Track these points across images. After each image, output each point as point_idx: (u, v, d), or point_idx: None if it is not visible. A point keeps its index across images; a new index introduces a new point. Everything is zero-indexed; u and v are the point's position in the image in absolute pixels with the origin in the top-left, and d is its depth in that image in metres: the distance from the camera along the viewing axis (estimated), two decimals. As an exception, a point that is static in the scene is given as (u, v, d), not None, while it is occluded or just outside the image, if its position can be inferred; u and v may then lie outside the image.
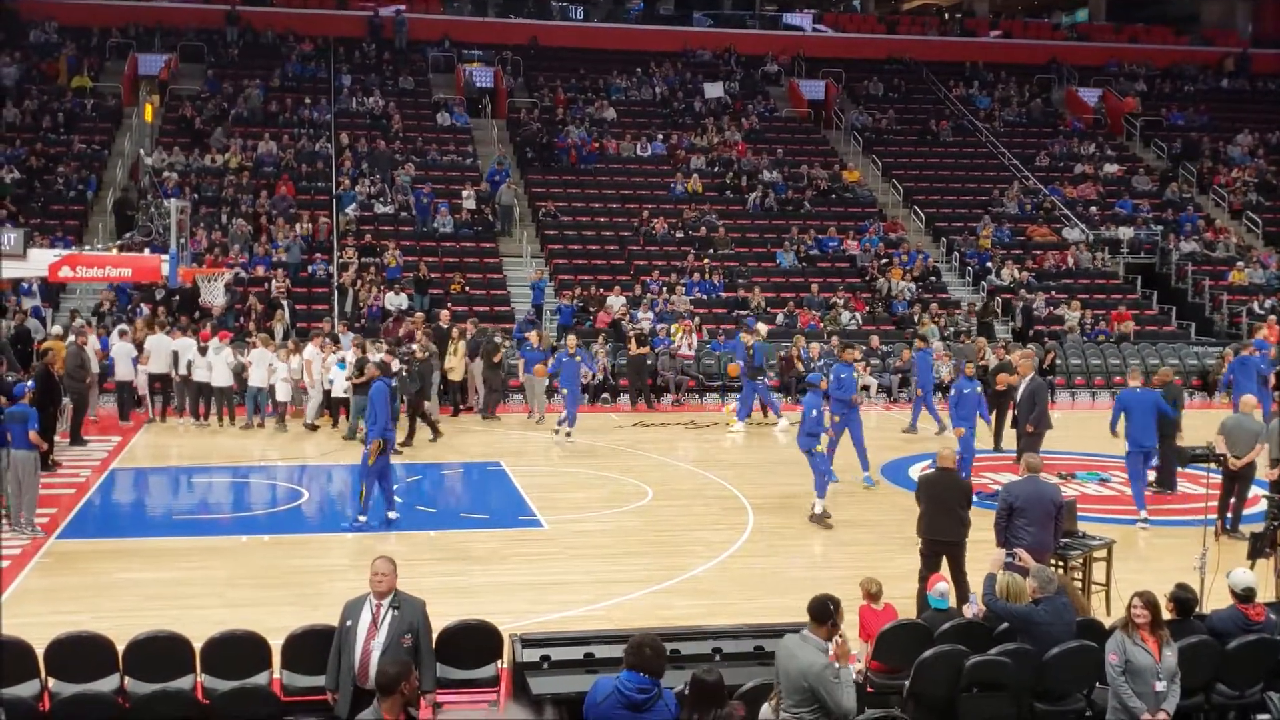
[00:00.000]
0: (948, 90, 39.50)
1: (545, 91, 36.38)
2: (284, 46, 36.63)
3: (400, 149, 32.73)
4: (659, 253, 30.27)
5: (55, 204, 29.10)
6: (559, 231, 30.87)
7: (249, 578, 12.24)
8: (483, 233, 30.44)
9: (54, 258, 15.67)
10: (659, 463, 18.51)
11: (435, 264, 28.52)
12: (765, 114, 37.30)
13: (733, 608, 11.25)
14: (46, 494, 15.46)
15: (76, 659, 7.93)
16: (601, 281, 28.44)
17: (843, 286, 29.56)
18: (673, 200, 32.37)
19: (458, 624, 8.33)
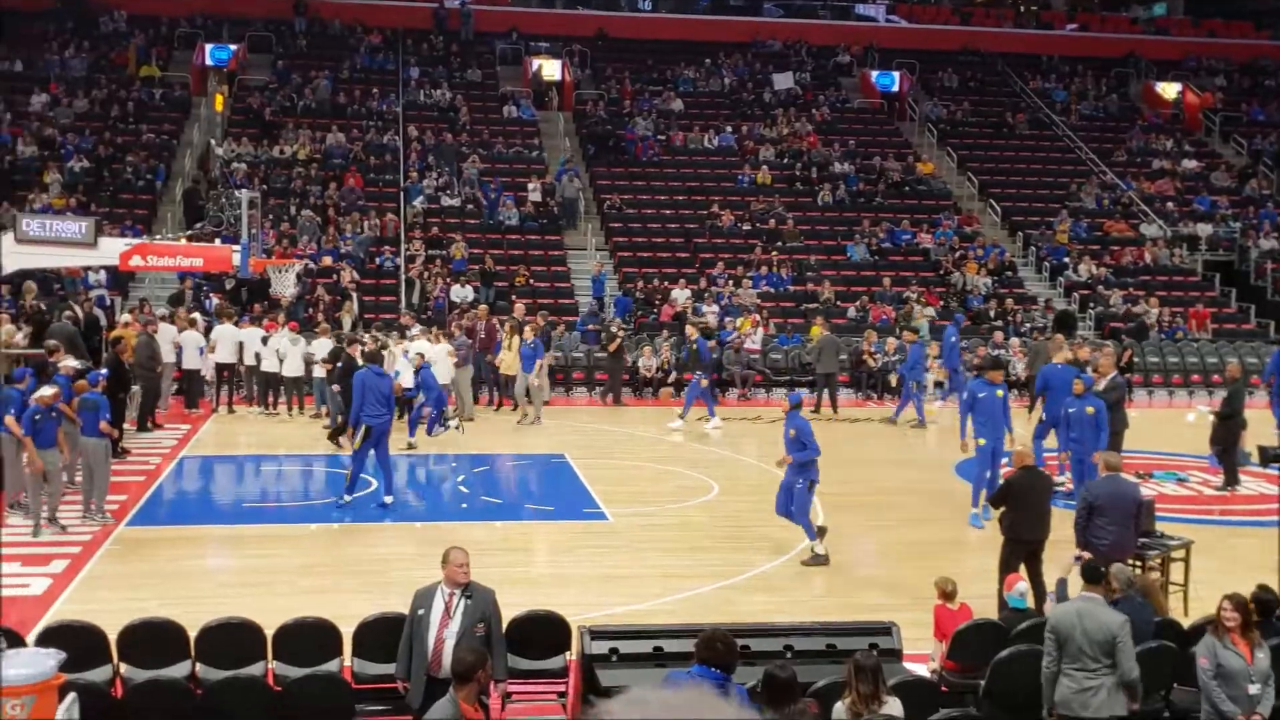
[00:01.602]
0: (1024, 83, 38.97)
1: (612, 83, 36.43)
2: (352, 38, 37.03)
3: (467, 141, 32.96)
4: (725, 245, 30.19)
5: (124, 193, 29.66)
6: (624, 224, 30.91)
7: (318, 565, 12.40)
8: (547, 225, 30.56)
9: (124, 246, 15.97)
10: (725, 457, 18.48)
11: (500, 256, 28.69)
12: (837, 105, 37.05)
13: (802, 604, 11.20)
14: (116, 481, 15.77)
15: (149, 645, 8.08)
16: (666, 274, 28.44)
17: (916, 281, 29.29)
18: (740, 192, 32.28)
19: (526, 614, 8.39)
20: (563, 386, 24.40)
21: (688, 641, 7.17)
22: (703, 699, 1.54)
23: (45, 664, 6.54)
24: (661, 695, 1.54)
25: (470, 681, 6.25)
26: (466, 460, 18.02)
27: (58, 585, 11.52)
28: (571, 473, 17.08)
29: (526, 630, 8.28)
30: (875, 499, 15.83)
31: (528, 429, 20.39)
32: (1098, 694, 7.32)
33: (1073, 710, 7.38)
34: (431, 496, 16.59)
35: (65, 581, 11.64)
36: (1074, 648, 7.35)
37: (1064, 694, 7.43)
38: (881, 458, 18.97)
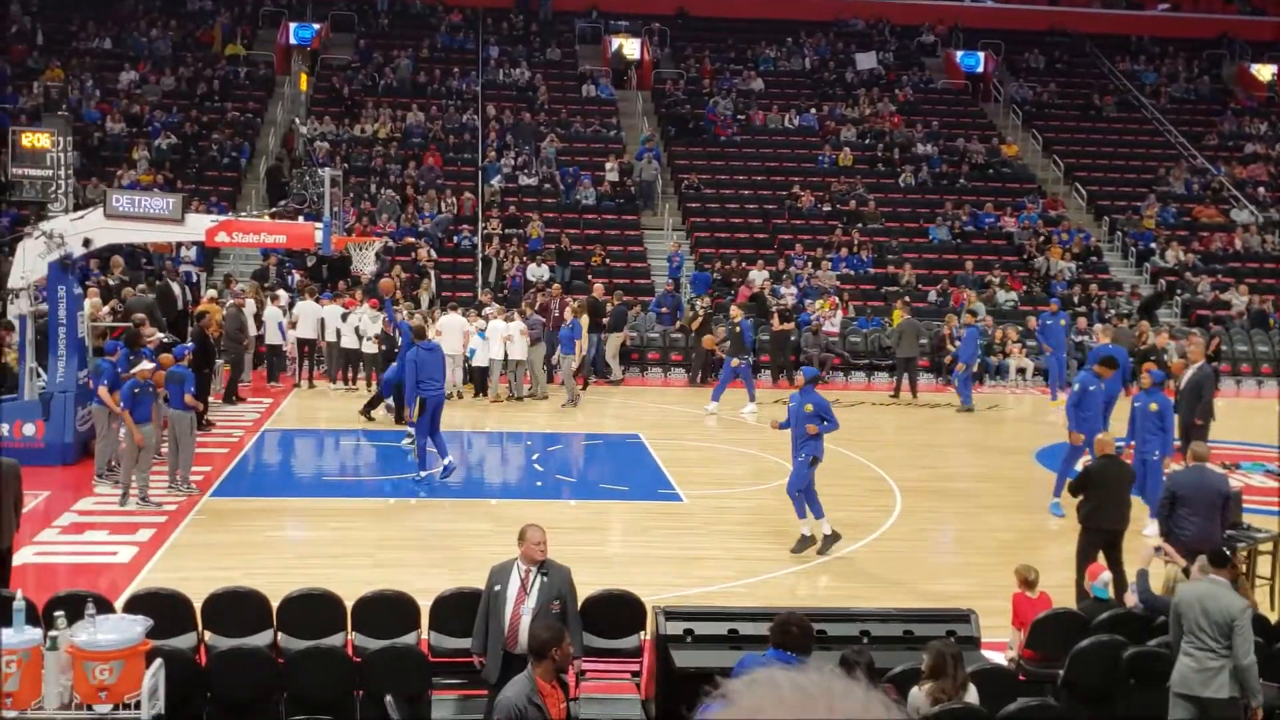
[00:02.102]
0: (1112, 64, 38.14)
1: (692, 62, 36.31)
2: (432, 17, 37.30)
3: (545, 121, 33.06)
4: (805, 227, 29.99)
5: (210, 170, 30.21)
6: (701, 204, 30.84)
7: (395, 539, 12.58)
8: (624, 205, 30.59)
9: (211, 223, 16.18)
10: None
11: (577, 236, 28.78)
12: (920, 86, 36.57)
13: (879, 590, 11.14)
14: (202, 453, 16.14)
15: (232, 613, 8.26)
16: (744, 255, 28.34)
17: (999, 264, 28.88)
18: (820, 173, 32.03)
19: (601, 593, 8.43)
20: (637, 366, 24.45)
21: (763, 625, 7.17)
22: (834, 682, 1.53)
23: (133, 630, 6.70)
24: (792, 677, 1.52)
25: (545, 658, 6.31)
26: (540, 438, 18.14)
27: (145, 554, 11.82)
28: (646, 453, 17.11)
29: (601, 609, 8.33)
30: (954, 485, 15.67)
31: (570, 410, 20.27)
32: (1218, 675, 7.22)
33: (1191, 689, 7.29)
34: (506, 474, 16.74)
35: (152, 550, 11.94)
36: (1192, 625, 7.28)
37: (1183, 672, 7.34)
38: (961, 443, 18.77)
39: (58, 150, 16.33)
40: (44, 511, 13.07)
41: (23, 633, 6.61)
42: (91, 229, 15.35)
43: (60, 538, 12.36)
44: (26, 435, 15.02)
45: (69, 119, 17.71)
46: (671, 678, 7.79)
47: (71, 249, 15.24)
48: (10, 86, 31.48)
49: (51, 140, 16.30)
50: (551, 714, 6.34)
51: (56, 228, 15.26)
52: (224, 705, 7.53)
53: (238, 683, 7.49)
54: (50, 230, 15.21)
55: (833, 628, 8.10)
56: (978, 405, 21.58)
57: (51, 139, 16.30)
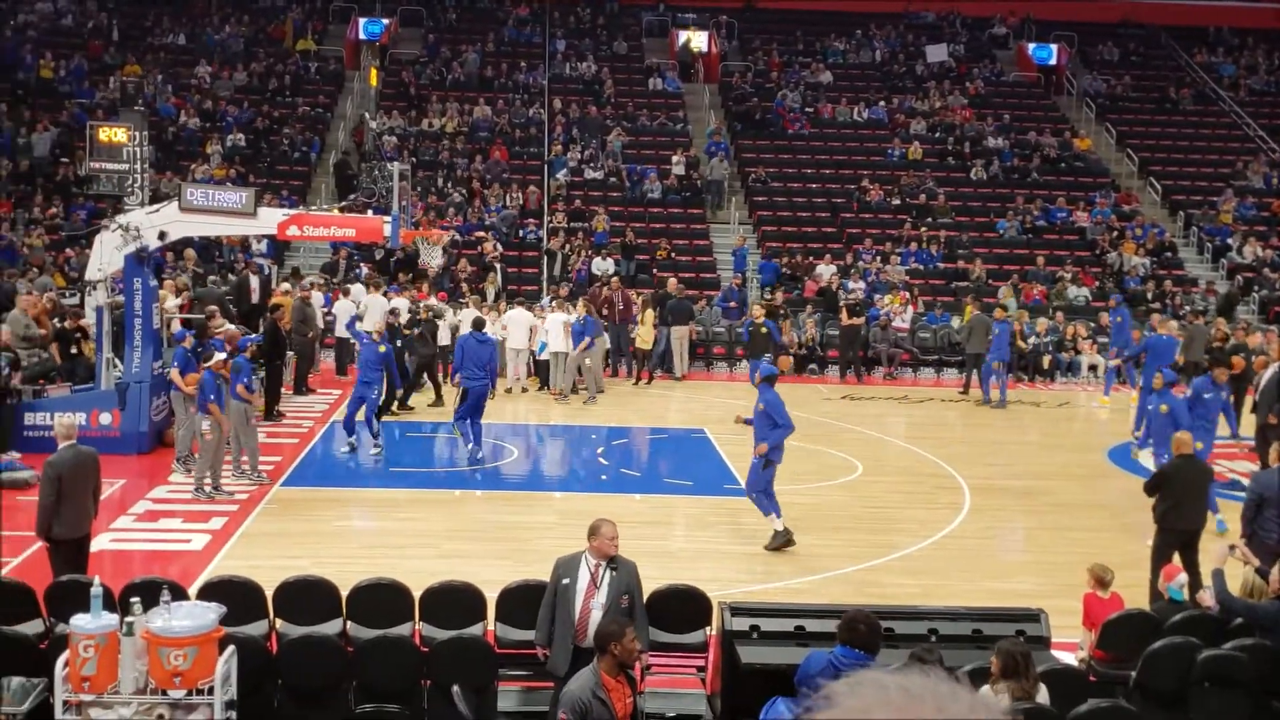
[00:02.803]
0: (1189, 56, 37.39)
1: (759, 55, 36.15)
2: (500, 11, 37.50)
3: (611, 114, 33.12)
4: (873, 221, 29.77)
5: (281, 164, 30.64)
6: (768, 198, 30.72)
7: (461, 531, 12.70)
8: (690, 199, 30.55)
9: (282, 216, 16.41)
10: (869, 437, 18.29)
11: (642, 229, 28.81)
12: (991, 78, 36.13)
13: (947, 589, 11.03)
14: (272, 443, 16.43)
15: (303, 602, 8.37)
16: (811, 250, 28.19)
17: (1070, 260, 28.46)
18: (889, 167, 31.77)
19: (667, 588, 8.43)
20: (702, 361, 24.43)
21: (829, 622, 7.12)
22: (940, 684, 1.51)
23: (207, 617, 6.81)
24: (897, 679, 1.51)
25: (606, 652, 6.34)
26: (605, 432, 18.19)
27: (217, 541, 12.04)
28: (711, 448, 17.09)
29: (667, 604, 8.33)
30: (1024, 483, 15.48)
31: (587, 406, 20.16)
32: None
33: None
34: (570, 468, 16.81)
35: (224, 538, 12.16)
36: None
37: None
38: (1032, 440, 18.55)
39: (134, 145, 16.62)
40: (120, 499, 13.35)
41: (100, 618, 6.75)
42: (167, 222, 15.63)
43: (136, 525, 12.61)
44: (103, 424, 15.34)
45: (145, 114, 18.02)
46: (737, 673, 7.77)
47: (147, 242, 15.53)
48: (88, 82, 32.17)
49: (128, 135, 16.59)
50: (617, 708, 6.36)
51: (133, 221, 15.56)
52: (294, 692, 7.64)
53: (308, 670, 7.59)
54: (126, 223, 15.51)
55: (901, 626, 8.02)
56: (1047, 402, 21.30)
57: (128, 133, 16.60)
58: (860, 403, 21.35)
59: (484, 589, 8.47)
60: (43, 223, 27.20)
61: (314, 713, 7.60)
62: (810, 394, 21.82)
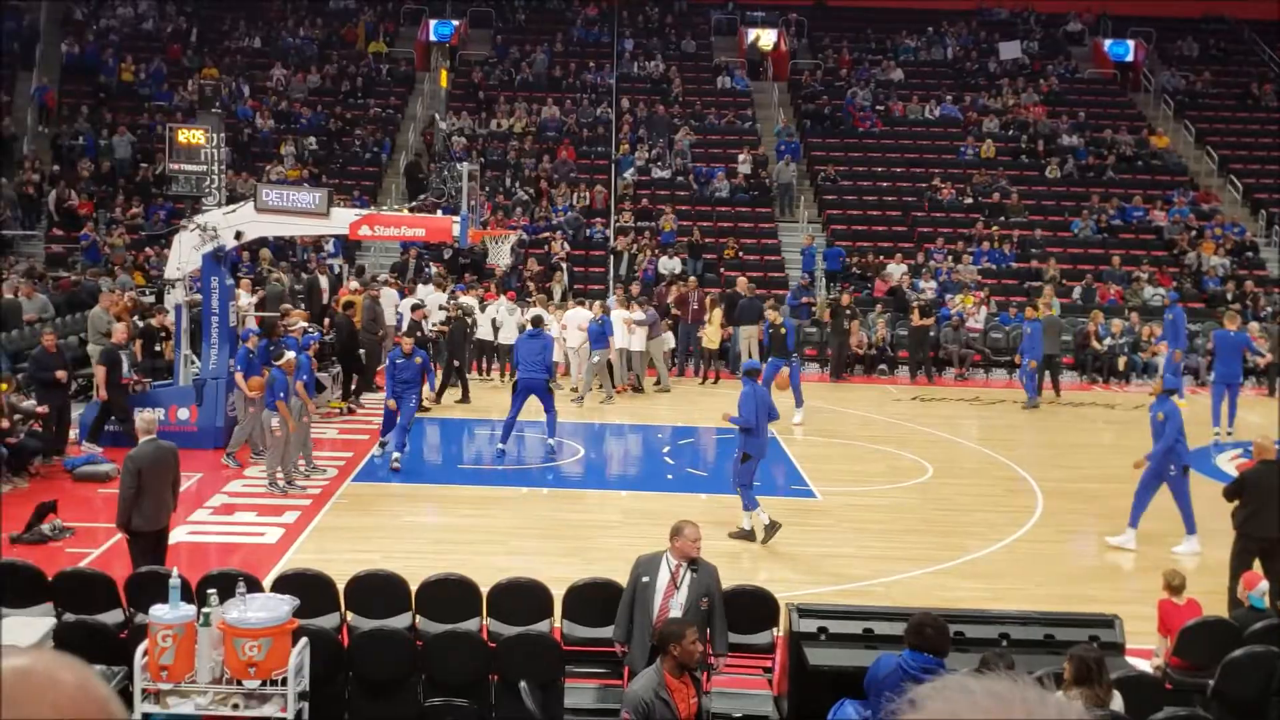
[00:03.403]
0: (1272, 51, 36.53)
1: (830, 53, 35.96)
2: (568, 11, 37.67)
3: (679, 113, 33.13)
4: (945, 220, 29.50)
5: (352, 165, 31.05)
6: (838, 196, 30.55)
7: (529, 528, 12.82)
8: (758, 198, 30.47)
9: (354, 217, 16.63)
10: (939, 439, 18.15)
11: (710, 229, 28.79)
12: (1066, 75, 35.61)
13: (1018, 593, 10.92)
14: (343, 438, 16.69)
15: (373, 595, 8.49)
16: (881, 249, 27.99)
17: (1147, 260, 27.97)
18: (962, 165, 31.46)
19: (734, 589, 8.44)
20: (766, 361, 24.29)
21: (898, 625, 7.09)
22: (1028, 689, 1.50)
23: (281, 609, 6.96)
24: (984, 683, 1.50)
25: (667, 653, 6.37)
26: (671, 432, 18.22)
27: (290, 535, 12.26)
28: (780, 448, 17.04)
29: (734, 604, 8.32)
30: (1099, 486, 15.23)
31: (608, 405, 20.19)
32: None
33: None
34: (636, 466, 16.86)
35: (297, 532, 12.38)
36: None
37: None
38: (1106, 443, 18.26)
39: (211, 146, 16.95)
40: (196, 493, 13.63)
41: (178, 609, 6.92)
42: (243, 222, 15.94)
43: (211, 518, 12.89)
44: (181, 419, 15.67)
45: (221, 116, 18.36)
46: (804, 675, 7.76)
47: (224, 241, 15.84)
48: (166, 85, 32.84)
49: (206, 136, 16.93)
50: (680, 709, 6.38)
51: (210, 221, 15.88)
52: (365, 684, 7.77)
53: (378, 663, 7.71)
54: (204, 223, 15.83)
55: (971, 629, 7.96)
56: (1122, 404, 20.95)
57: (206, 135, 16.94)
58: (931, 404, 21.18)
59: (550, 586, 8.54)
60: (124, 222, 27.82)
61: (384, 705, 7.72)
62: (880, 395, 21.69)
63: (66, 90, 32.98)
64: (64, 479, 14.04)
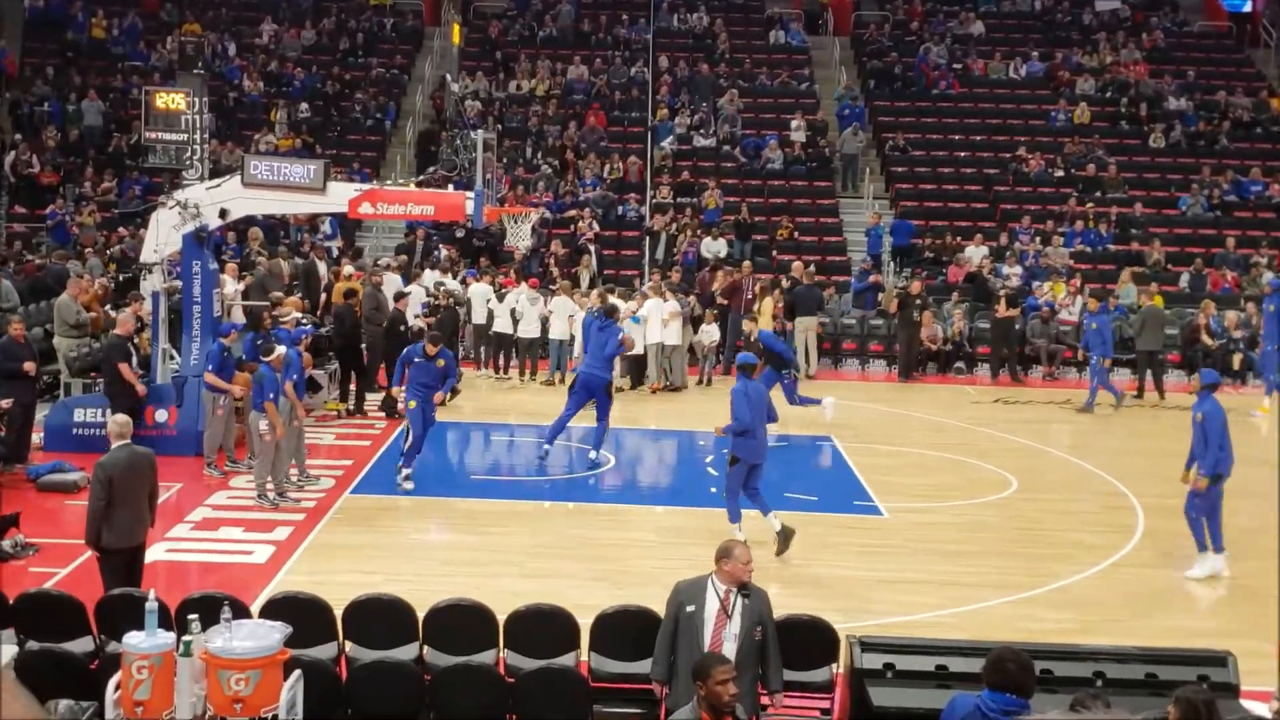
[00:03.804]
0: None
1: (899, 3, 35.84)
2: (600, -44, 37.74)
3: (725, 73, 33.12)
4: (1032, 195, 29.38)
5: (352, 134, 31.25)
6: (908, 168, 30.45)
7: (551, 548, 12.83)
8: (816, 170, 30.41)
9: (354, 192, 16.70)
10: (1025, 447, 18.05)
11: (760, 206, 28.76)
12: (1173, 29, 35.35)
13: (1115, 625, 10.87)
14: (341, 444, 16.78)
15: (375, 623, 8.54)
16: (959, 229, 27.88)
17: (1266, 242, 27.76)
18: (1051, 132, 31.30)
19: (787, 618, 8.43)
20: (830, 357, 24.31)
21: (975, 661, 7.07)
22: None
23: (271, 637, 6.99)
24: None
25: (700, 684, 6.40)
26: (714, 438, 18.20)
27: (281, 554, 12.34)
28: (840, 458, 17.01)
29: (787, 636, 8.31)
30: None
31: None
32: None
33: None
34: (676, 478, 16.86)
35: (289, 550, 12.47)
36: None
37: None
38: (1217, 455, 18.08)
39: (193, 112, 17.06)
40: (176, 505, 13.74)
41: (155, 636, 6.97)
42: (228, 198, 16.06)
43: (193, 534, 12.98)
44: (159, 422, 15.82)
45: (204, 78, 18.50)
46: (868, 718, 7.75)
47: (207, 220, 15.97)
48: (143, 42, 33.13)
49: (187, 101, 17.04)
50: (721, 755, 6.40)
51: (191, 197, 16.02)
52: (365, 724, 7.81)
53: (380, 699, 7.74)
54: (185, 200, 15.96)
55: (1060, 667, 7.93)
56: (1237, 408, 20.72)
57: (186, 100, 17.04)
58: (1015, 407, 21.08)
59: (576, 614, 8.56)
60: (94, 199, 28.11)
61: (387, 748, 7.76)
62: (956, 397, 21.60)
63: (29, 49, 33.39)
64: (27, 489, 14.18)
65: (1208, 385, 12.81)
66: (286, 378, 14.12)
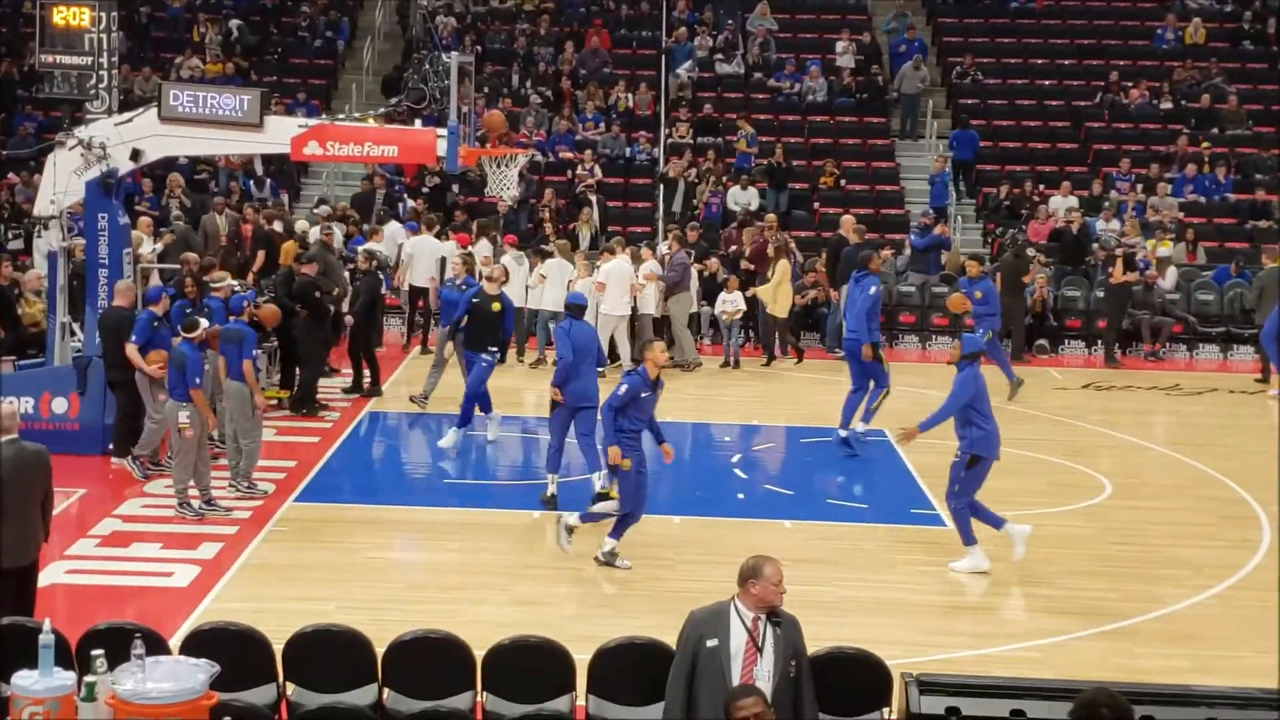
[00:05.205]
0: None
1: (968, -104, 35.76)
2: None
3: (757, -18, 33.07)
4: (1133, 133, 29.35)
5: (297, 57, 31.17)
6: (980, 101, 30.36)
7: (540, 567, 12.86)
8: (867, 103, 30.32)
9: (298, 129, 16.65)
10: (1123, 443, 18.10)
11: (799, 147, 28.71)
12: (1308, -75, 35.22)
13: (1234, 663, 10.85)
14: (284, 440, 16.75)
15: (324, 660, 8.52)
16: (1042, 175, 27.82)
17: None
18: (1157, 55, 31.25)
19: (829, 652, 8.43)
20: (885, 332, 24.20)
21: (1061, 706, 7.08)
22: None
23: (194, 678, 6.99)
24: None
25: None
26: (742, 433, 18.18)
27: (208, 576, 12.32)
28: (895, 457, 16.98)
29: (830, 674, 8.31)
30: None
31: None
32: None
33: None
34: (695, 482, 16.81)
35: (218, 571, 12.44)
36: None
37: None
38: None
39: (99, 30, 16.97)
40: (78, 516, 13.75)
41: (51, 677, 6.96)
42: (142, 136, 16.01)
43: (99, 551, 12.96)
44: (56, 413, 15.79)
45: (115, -12, 18.47)
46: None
47: (116, 163, 15.92)
48: (37, -56, 33.06)
49: (92, 17, 16.96)
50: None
51: (97, 135, 15.96)
52: (311, 784, 7.82)
53: (330, 755, 7.76)
54: (89, 138, 15.91)
55: (1165, 714, 7.92)
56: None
57: (92, 15, 16.97)
58: (1111, 394, 21.09)
59: (571, 648, 8.55)
60: (-24, 138, 28.12)
61: (338, 813, 7.77)
62: (1040, 380, 21.52)
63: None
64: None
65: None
66: (245, 356, 14.15)
